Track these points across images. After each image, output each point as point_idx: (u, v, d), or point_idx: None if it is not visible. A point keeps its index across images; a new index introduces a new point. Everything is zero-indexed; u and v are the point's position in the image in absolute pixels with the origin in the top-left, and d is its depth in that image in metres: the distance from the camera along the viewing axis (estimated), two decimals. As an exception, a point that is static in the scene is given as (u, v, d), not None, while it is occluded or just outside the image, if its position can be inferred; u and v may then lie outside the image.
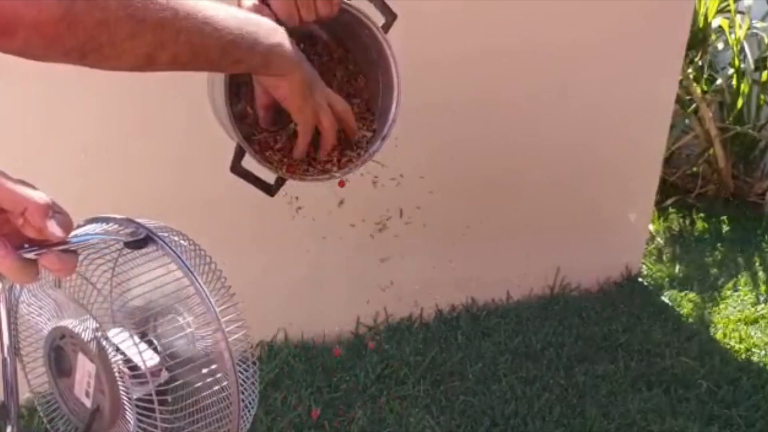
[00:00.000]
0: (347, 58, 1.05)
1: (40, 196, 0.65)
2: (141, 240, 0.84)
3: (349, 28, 1.00)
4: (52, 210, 0.66)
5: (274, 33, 0.85)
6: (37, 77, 1.88)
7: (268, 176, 1.00)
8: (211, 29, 0.77)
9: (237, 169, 0.98)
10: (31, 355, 0.93)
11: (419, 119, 2.21)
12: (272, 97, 0.91)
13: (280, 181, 1.00)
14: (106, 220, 0.85)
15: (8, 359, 0.87)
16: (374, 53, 1.01)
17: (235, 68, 0.85)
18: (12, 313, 0.89)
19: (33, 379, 0.95)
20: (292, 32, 0.93)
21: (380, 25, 0.99)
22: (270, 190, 1.01)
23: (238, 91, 0.97)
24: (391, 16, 1.00)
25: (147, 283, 0.87)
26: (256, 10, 0.89)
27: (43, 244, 0.67)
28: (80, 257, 0.74)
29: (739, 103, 4.06)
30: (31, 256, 0.66)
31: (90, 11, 0.67)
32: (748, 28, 4.06)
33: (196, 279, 0.85)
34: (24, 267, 0.66)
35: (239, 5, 0.89)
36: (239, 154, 0.97)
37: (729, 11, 4.08)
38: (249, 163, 0.97)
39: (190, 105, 2.13)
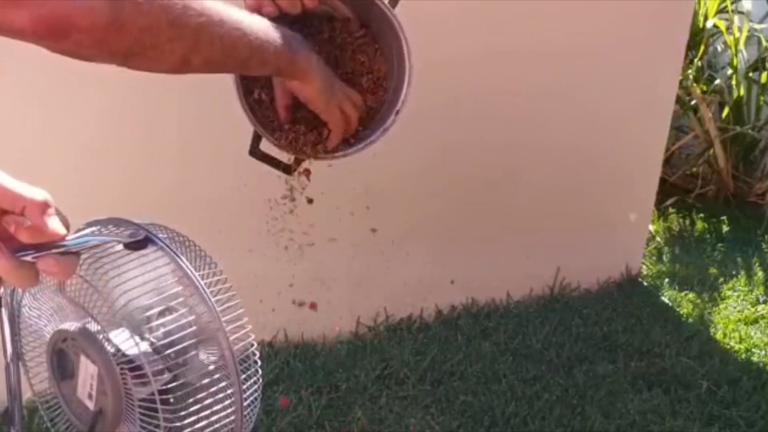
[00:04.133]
0: (366, 35, 1.05)
1: (39, 194, 0.66)
2: (140, 241, 0.84)
3: (361, 3, 1.00)
4: (52, 207, 0.66)
5: (294, 39, 0.90)
6: (37, 78, 1.88)
7: (285, 156, 1.03)
8: (241, 33, 0.82)
9: (255, 152, 1.01)
10: (35, 359, 0.93)
11: (419, 119, 2.21)
12: (291, 98, 0.97)
13: (298, 161, 1.03)
14: (105, 222, 0.85)
15: (11, 364, 0.87)
16: (387, 29, 1.02)
17: (262, 69, 0.90)
18: (14, 317, 0.89)
19: (36, 384, 0.95)
20: (311, 14, 0.94)
21: (387, 1, 1.00)
22: (288, 170, 1.04)
23: (255, 78, 1.00)
24: None
25: (147, 284, 0.87)
26: (257, 1, 0.90)
27: (41, 247, 0.66)
28: (80, 260, 0.74)
29: (738, 103, 4.06)
30: (28, 258, 0.66)
31: (136, 17, 0.72)
32: (747, 30, 4.06)
33: (197, 279, 0.85)
34: (21, 269, 0.65)
35: None
36: (256, 138, 1.00)
37: (728, 12, 4.08)
38: (266, 145, 1.01)
39: (190, 106, 2.14)
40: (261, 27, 0.85)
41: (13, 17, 0.67)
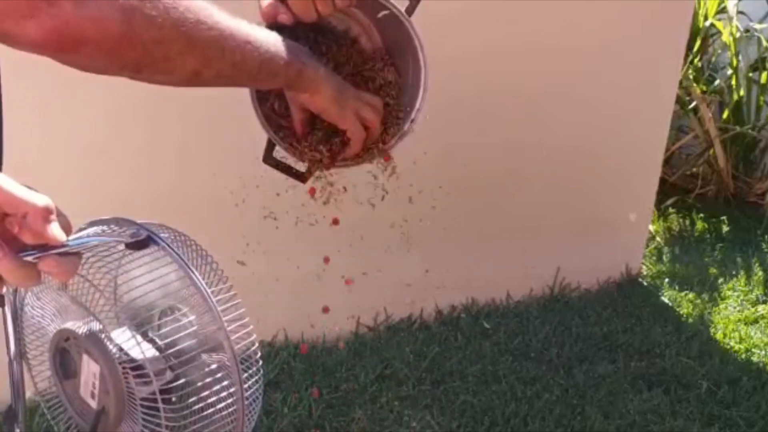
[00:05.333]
0: (376, 52, 1.05)
1: (41, 200, 0.66)
2: (142, 241, 0.84)
3: (373, 12, 1.00)
4: (53, 213, 0.67)
5: (302, 52, 0.90)
6: (40, 81, 1.88)
7: (299, 164, 1.03)
8: (252, 47, 0.83)
9: (269, 160, 1.01)
10: (37, 358, 0.94)
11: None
12: (308, 112, 0.97)
13: (312, 170, 1.03)
14: (108, 222, 0.85)
15: (14, 363, 0.87)
16: (403, 38, 1.01)
17: (271, 82, 0.90)
18: (17, 316, 0.89)
19: (39, 382, 0.95)
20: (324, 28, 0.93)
21: (404, 9, 0.99)
22: (302, 177, 1.03)
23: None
24: None
25: (149, 284, 0.87)
26: (272, 8, 0.91)
27: (43, 247, 0.67)
28: (82, 259, 0.74)
29: (738, 103, 4.06)
30: (30, 259, 0.66)
31: (148, 29, 0.72)
32: (747, 30, 4.07)
33: (198, 279, 0.85)
34: (23, 269, 0.66)
35: (259, 5, 0.91)
36: (270, 146, 1.00)
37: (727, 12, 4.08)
38: (279, 152, 1.01)
39: (193, 108, 2.14)
40: (270, 41, 0.86)
41: (24, 29, 0.67)
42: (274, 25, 0.91)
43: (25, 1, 0.66)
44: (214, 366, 0.86)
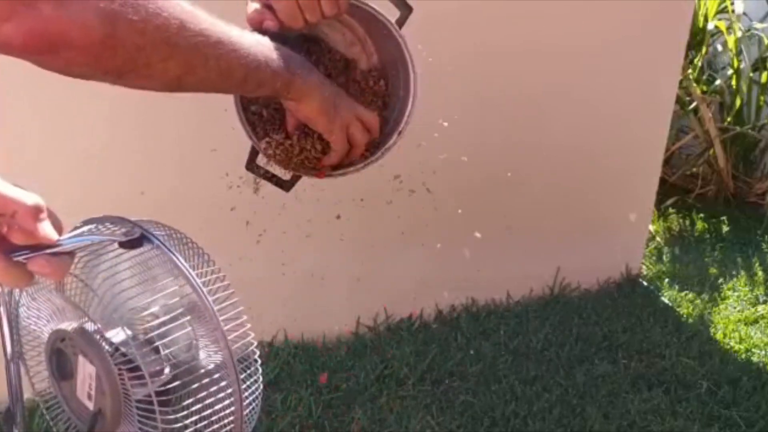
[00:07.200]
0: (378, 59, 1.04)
1: (31, 198, 0.65)
2: (136, 239, 0.83)
3: (366, 23, 0.99)
4: (44, 212, 0.66)
5: (293, 60, 0.88)
6: (41, 82, 1.87)
7: (283, 172, 1.02)
8: (238, 55, 0.81)
9: (252, 167, 1.00)
10: (34, 359, 0.93)
11: (419, 119, 2.21)
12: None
13: (295, 178, 1.02)
14: (102, 220, 0.84)
15: (12, 364, 0.87)
16: (392, 48, 1.00)
17: (258, 91, 0.88)
18: (13, 317, 0.89)
19: (37, 383, 0.94)
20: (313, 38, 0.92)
21: (395, 19, 0.99)
22: (285, 186, 1.02)
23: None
24: (406, 10, 0.99)
25: (144, 283, 0.87)
26: (258, 15, 0.90)
27: (35, 247, 0.66)
28: (75, 259, 0.74)
29: (739, 103, 4.06)
30: (20, 259, 0.66)
31: (130, 35, 0.70)
32: (747, 29, 4.06)
33: (193, 278, 0.84)
34: (13, 270, 0.66)
35: (246, 10, 0.90)
36: (254, 153, 0.99)
37: (728, 12, 4.08)
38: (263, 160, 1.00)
39: (192, 109, 2.13)
40: (260, 49, 0.84)
41: (2, 31, 0.65)
42: (260, 32, 0.89)
43: (5, 4, 0.65)
44: (211, 366, 0.86)
